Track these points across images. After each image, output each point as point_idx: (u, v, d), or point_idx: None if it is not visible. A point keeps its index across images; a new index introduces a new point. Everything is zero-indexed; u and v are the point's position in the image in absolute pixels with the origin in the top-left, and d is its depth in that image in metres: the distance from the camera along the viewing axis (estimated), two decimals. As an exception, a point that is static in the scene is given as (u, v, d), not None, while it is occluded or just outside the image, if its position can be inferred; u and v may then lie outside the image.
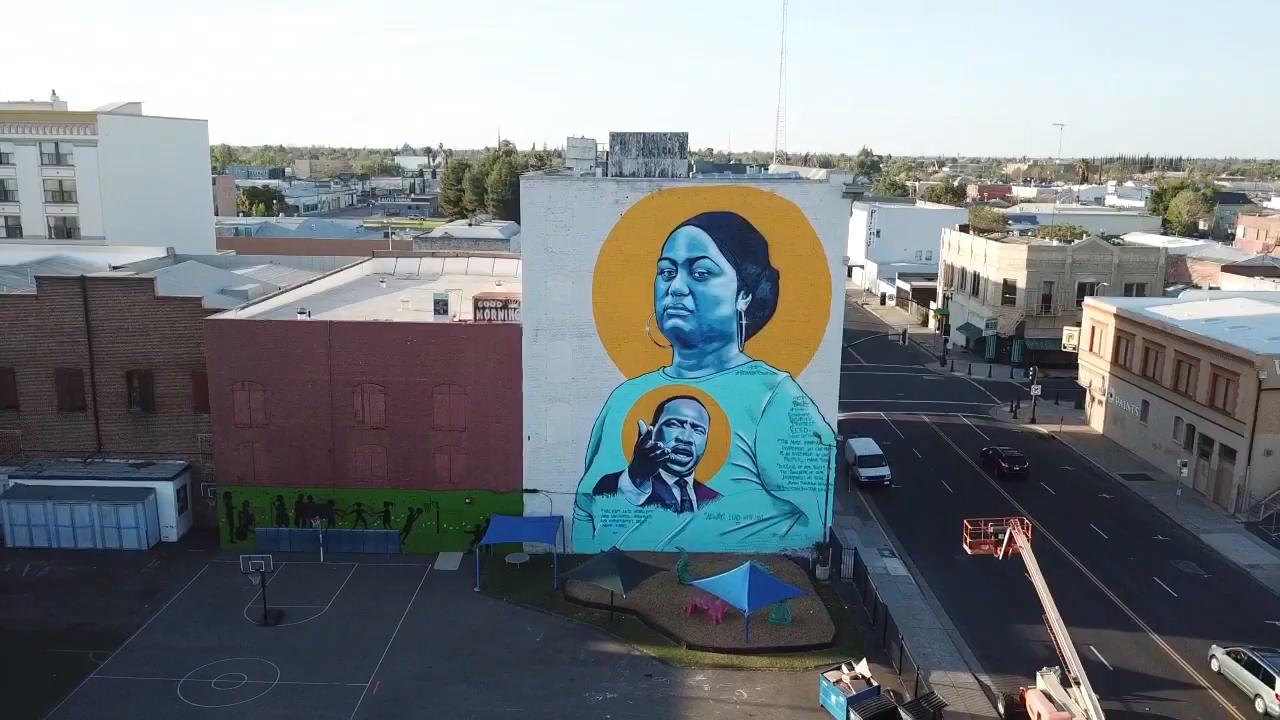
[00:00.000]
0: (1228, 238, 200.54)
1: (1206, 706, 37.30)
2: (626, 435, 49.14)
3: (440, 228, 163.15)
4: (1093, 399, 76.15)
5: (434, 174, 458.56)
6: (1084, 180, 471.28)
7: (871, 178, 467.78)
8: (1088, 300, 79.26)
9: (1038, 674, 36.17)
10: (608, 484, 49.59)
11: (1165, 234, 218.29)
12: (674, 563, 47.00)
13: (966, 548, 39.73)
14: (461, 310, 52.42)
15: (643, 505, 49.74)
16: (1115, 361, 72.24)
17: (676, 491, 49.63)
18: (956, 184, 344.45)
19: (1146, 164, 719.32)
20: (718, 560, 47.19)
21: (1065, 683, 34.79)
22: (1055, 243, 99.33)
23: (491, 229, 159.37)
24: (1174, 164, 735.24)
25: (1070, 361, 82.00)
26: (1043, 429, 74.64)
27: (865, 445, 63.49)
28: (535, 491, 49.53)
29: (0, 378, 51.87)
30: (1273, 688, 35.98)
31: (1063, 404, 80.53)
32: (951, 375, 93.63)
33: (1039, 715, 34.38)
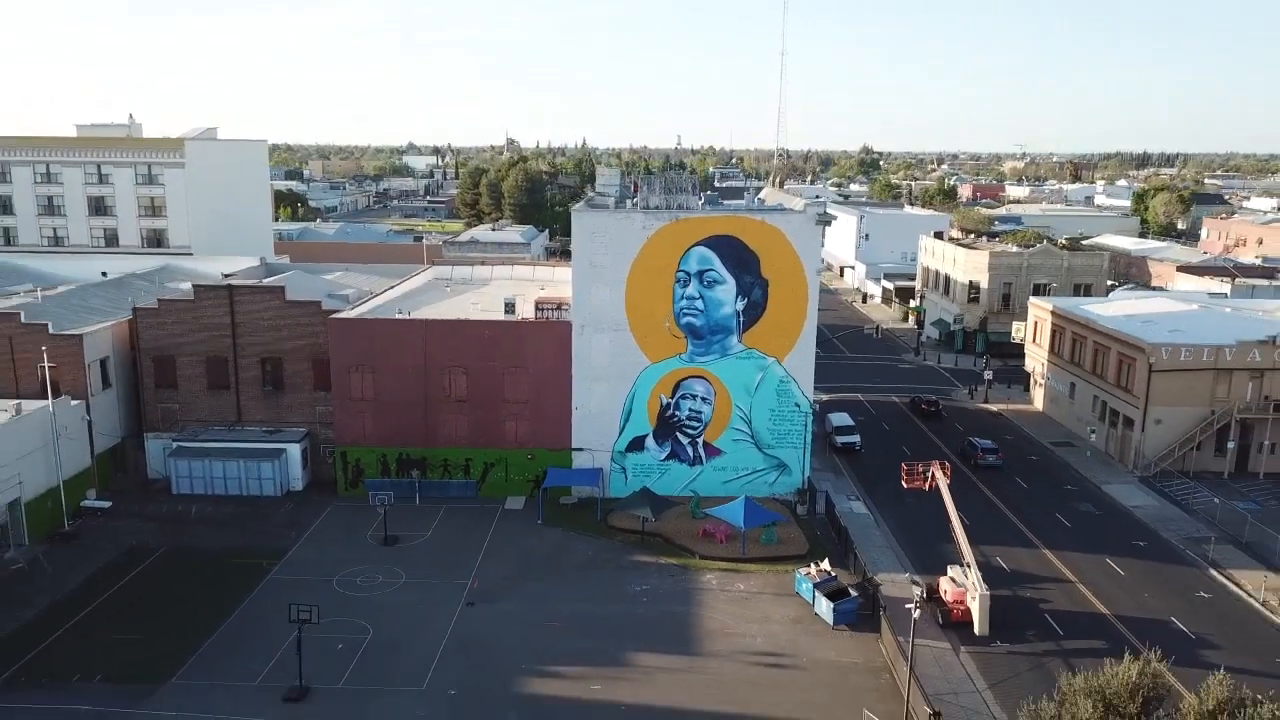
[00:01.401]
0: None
1: (1070, 594, 51.98)
2: (651, 406, 63.87)
3: (467, 233, 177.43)
4: (1035, 382, 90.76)
5: (444, 174, 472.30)
6: (1076, 179, 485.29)
7: (870, 175, 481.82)
8: (1031, 299, 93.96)
9: (948, 568, 50.82)
10: (636, 444, 64.35)
11: (1142, 234, 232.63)
12: (688, 502, 61.72)
13: (903, 483, 54.56)
14: (525, 310, 67.03)
15: (663, 460, 64.51)
16: (1052, 351, 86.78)
17: (689, 449, 64.39)
18: (950, 184, 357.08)
19: (1143, 160, 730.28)
20: (722, 502, 61.69)
21: (966, 575, 49.37)
22: (1014, 249, 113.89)
23: (513, 233, 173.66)
24: (1170, 160, 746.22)
25: (1023, 351, 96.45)
26: (993, 407, 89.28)
27: (841, 418, 78.23)
28: (581, 449, 64.30)
29: (163, 364, 66.68)
30: (976, 451, 71.86)
31: (1014, 387, 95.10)
32: (923, 364, 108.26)
33: (946, 592, 49.13)
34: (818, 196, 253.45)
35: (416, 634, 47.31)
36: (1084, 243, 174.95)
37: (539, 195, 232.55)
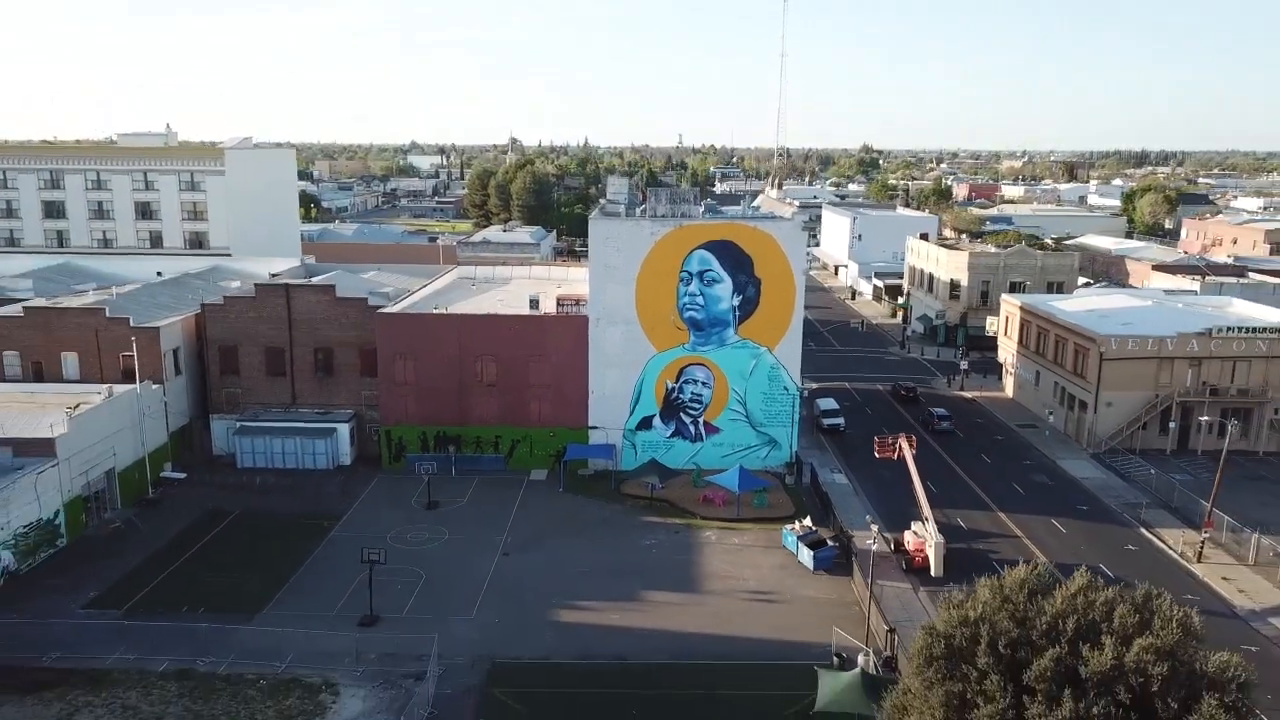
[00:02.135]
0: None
1: (1017, 547, 60.84)
2: (658, 390, 72.72)
3: (479, 234, 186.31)
4: (1006, 371, 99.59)
5: (449, 175, 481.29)
6: (1072, 178, 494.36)
7: (869, 175, 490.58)
8: (1003, 296, 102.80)
9: (912, 524, 59.69)
10: (645, 423, 73.23)
11: (1129, 234, 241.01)
12: (691, 473, 70.58)
13: (875, 453, 63.45)
14: (546, 306, 75.83)
15: (669, 437, 73.35)
16: (1020, 343, 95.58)
17: (692, 428, 73.26)
18: (946, 185, 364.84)
19: (1141, 159, 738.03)
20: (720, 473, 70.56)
21: (925, 527, 58.20)
22: (993, 249, 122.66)
23: (523, 234, 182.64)
24: (1167, 158, 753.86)
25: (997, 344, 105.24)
26: (968, 394, 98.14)
27: (827, 402, 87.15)
28: (597, 428, 73.17)
29: (228, 353, 75.56)
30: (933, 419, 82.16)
31: (989, 376, 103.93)
32: (908, 356, 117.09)
33: (909, 544, 58.01)
34: (815, 198, 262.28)
35: (462, 577, 56.20)
36: (1067, 242, 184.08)
37: (546, 197, 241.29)
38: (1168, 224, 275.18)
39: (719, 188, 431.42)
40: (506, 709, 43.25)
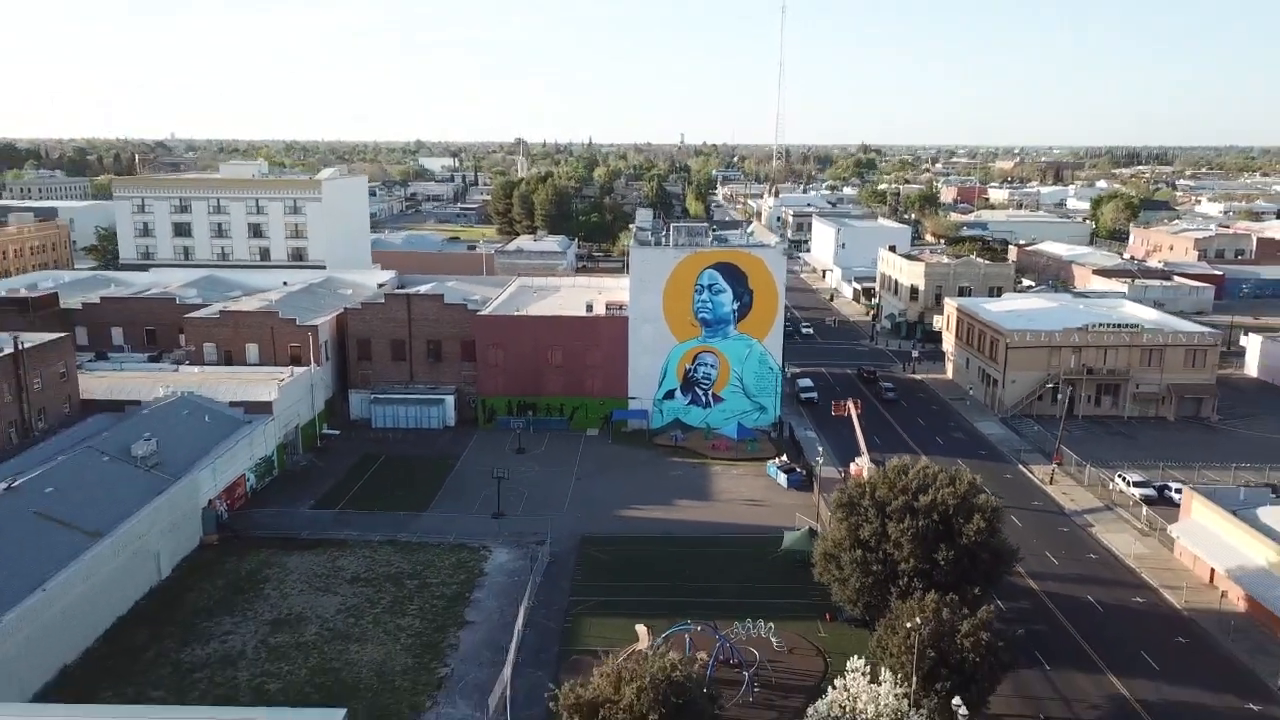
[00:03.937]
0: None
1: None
2: (679, 370, 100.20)
3: (513, 243, 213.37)
4: (948, 358, 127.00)
5: (464, 179, 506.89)
6: (1058, 179, 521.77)
7: (865, 177, 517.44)
8: (946, 299, 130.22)
9: (856, 458, 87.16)
10: (669, 394, 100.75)
11: (1092, 239, 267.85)
12: (704, 430, 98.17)
13: (832, 412, 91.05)
14: (598, 309, 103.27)
15: (687, 405, 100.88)
16: (957, 336, 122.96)
17: (703, 397, 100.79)
18: (935, 189, 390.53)
19: (1133, 158, 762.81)
20: (724, 428, 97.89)
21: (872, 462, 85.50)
22: (946, 259, 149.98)
23: (551, 243, 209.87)
24: (1159, 156, 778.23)
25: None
26: (917, 376, 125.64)
27: (805, 382, 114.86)
28: (635, 398, 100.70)
29: (363, 344, 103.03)
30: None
31: (937, 363, 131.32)
32: (875, 347, 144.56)
33: (852, 470, 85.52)
34: (808, 205, 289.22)
35: (552, 493, 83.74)
36: (1029, 248, 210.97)
37: (566, 207, 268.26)
38: (1131, 228, 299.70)
39: (720, 190, 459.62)
40: (596, 559, 70.91)
